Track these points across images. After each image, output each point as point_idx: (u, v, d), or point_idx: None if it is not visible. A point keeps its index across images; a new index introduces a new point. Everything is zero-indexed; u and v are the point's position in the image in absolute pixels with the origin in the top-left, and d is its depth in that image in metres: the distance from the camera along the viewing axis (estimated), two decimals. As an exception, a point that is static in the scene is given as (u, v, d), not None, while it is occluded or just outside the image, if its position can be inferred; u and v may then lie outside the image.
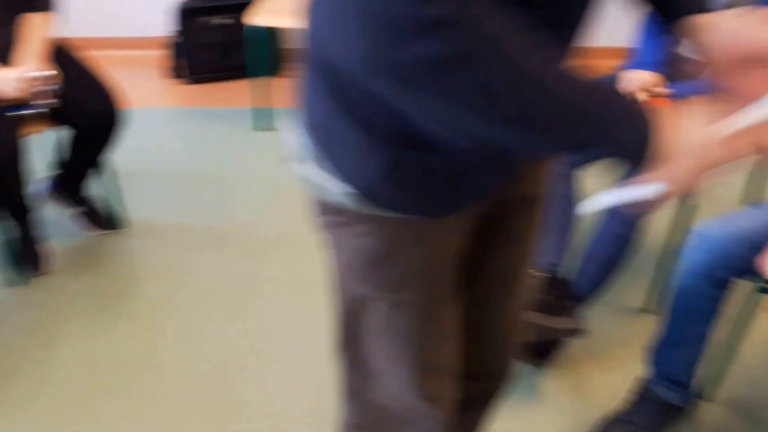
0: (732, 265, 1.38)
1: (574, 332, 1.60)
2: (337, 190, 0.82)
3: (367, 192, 0.82)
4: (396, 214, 0.84)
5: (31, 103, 1.87)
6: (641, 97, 1.70)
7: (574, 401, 1.68)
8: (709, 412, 1.67)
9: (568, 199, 1.70)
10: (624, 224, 1.63)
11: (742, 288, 1.47)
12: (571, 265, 1.69)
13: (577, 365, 1.77)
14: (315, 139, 0.82)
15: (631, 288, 2.02)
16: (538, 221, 1.06)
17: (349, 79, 0.72)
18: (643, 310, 1.95)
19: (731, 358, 1.70)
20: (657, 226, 2.03)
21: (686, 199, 1.76)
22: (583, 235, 1.75)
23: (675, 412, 1.59)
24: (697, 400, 1.67)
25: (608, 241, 1.64)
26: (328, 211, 0.87)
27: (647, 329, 1.76)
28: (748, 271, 1.37)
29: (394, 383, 0.99)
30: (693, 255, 1.40)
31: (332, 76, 0.75)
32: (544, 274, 1.62)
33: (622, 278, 2.03)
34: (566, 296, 1.63)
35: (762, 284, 1.43)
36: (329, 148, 0.81)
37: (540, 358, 1.68)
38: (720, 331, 1.53)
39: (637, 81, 1.76)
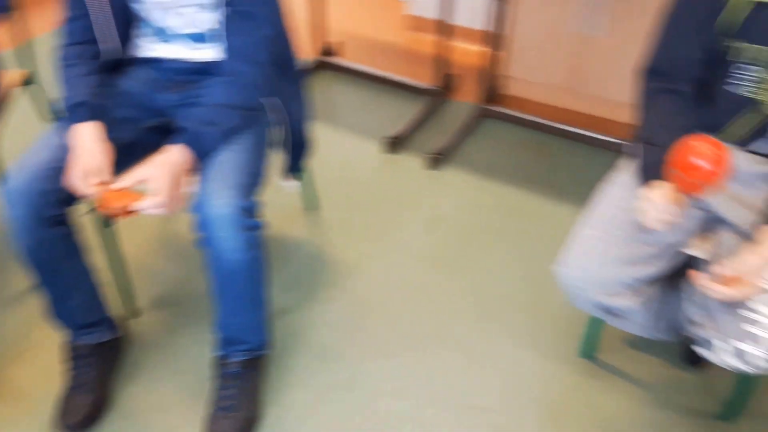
0: (53, 199, 1.36)
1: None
2: None
3: None
4: None
5: None
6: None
7: (13, 413, 1.56)
8: (140, 325, 1.78)
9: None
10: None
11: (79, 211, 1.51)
12: None
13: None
14: None
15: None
16: None
17: None
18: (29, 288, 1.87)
19: (125, 275, 1.81)
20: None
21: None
22: None
23: (113, 344, 1.64)
24: (129, 321, 1.76)
25: None
26: None
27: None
28: (70, 197, 1.39)
29: None
30: (12, 214, 1.34)
31: None
32: None
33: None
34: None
35: (89, 205, 1.45)
36: None
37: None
38: (99, 256, 1.57)
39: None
